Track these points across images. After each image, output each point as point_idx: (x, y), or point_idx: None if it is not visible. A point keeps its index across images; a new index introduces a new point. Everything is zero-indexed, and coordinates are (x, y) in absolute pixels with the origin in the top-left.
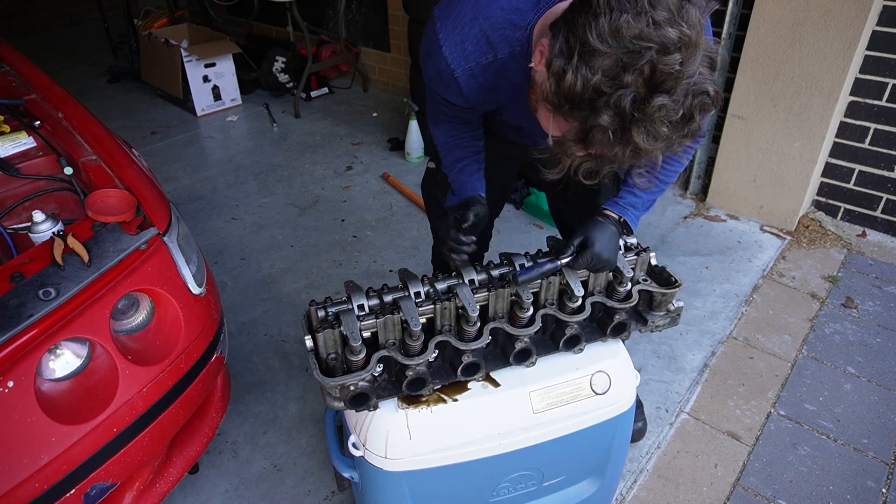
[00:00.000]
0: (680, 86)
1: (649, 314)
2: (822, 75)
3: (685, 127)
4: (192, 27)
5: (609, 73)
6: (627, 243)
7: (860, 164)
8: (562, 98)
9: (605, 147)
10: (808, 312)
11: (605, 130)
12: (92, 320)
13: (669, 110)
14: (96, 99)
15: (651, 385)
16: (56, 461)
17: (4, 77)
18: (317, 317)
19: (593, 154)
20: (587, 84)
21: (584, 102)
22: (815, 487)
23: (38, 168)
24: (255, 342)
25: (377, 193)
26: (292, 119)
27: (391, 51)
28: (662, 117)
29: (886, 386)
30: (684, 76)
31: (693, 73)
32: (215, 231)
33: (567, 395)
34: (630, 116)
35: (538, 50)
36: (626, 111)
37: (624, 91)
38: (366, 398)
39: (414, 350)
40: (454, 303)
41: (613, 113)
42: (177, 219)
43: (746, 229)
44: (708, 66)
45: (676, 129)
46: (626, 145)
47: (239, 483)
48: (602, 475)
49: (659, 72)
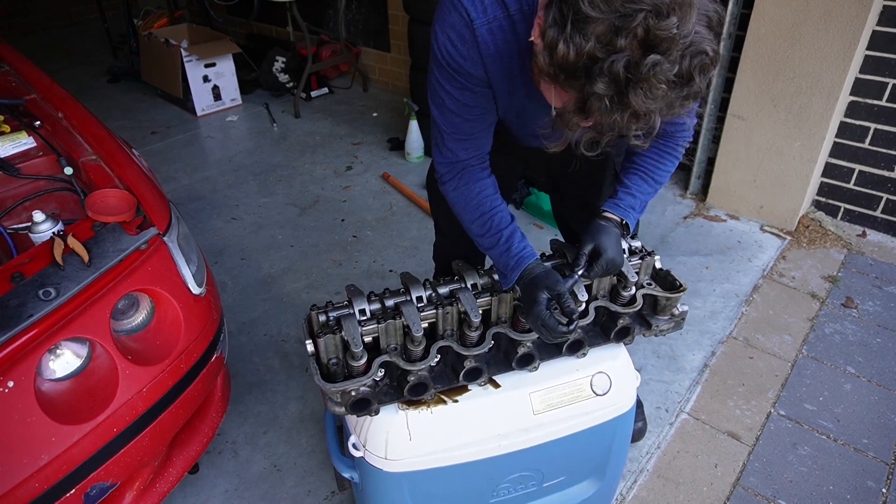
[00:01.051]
0: (675, 46)
1: (653, 318)
2: (822, 75)
3: (684, 88)
4: (192, 27)
5: (602, 39)
6: (632, 247)
7: (860, 164)
8: (556, 68)
9: (603, 114)
10: (808, 312)
11: (601, 97)
12: (92, 320)
13: (664, 69)
14: (96, 99)
15: (651, 385)
16: (56, 461)
17: (4, 77)
18: (318, 321)
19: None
20: (580, 52)
21: (578, 71)
22: (815, 487)
23: (38, 168)
24: (255, 342)
25: (377, 193)
26: (292, 119)
27: (391, 51)
28: (657, 76)
29: (886, 386)
30: (679, 37)
31: (689, 33)
32: (215, 231)
33: (567, 396)
34: (625, 80)
35: (536, 23)
36: (620, 75)
37: (617, 56)
38: (367, 403)
39: (416, 355)
40: (456, 307)
41: (608, 79)
42: (177, 219)
43: (746, 229)
44: (705, 24)
45: (674, 89)
46: (625, 110)
47: (239, 483)
48: (602, 476)
49: (653, 33)
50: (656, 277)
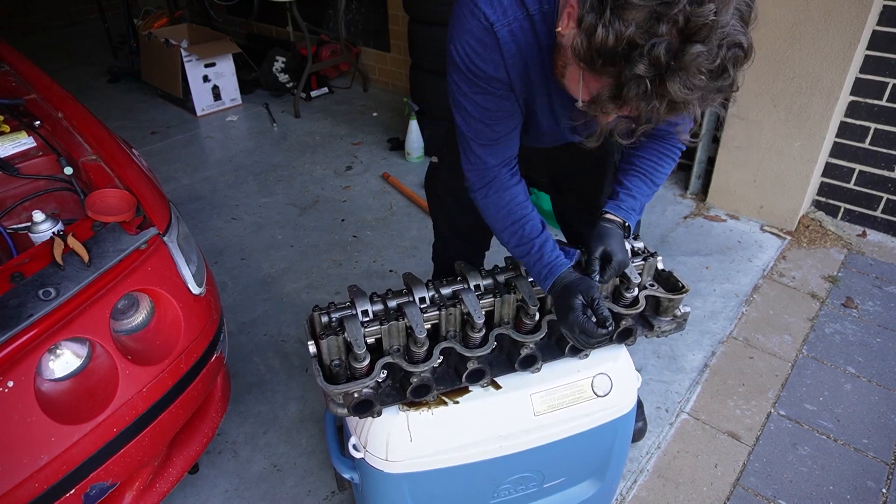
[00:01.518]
0: (714, 35)
1: (656, 319)
2: (823, 75)
3: (718, 79)
4: (192, 27)
5: (643, 25)
6: (634, 248)
7: (860, 164)
8: (594, 53)
9: (640, 100)
10: (808, 312)
11: (640, 82)
12: (92, 320)
13: (705, 59)
14: (96, 99)
15: (651, 385)
16: (56, 461)
17: (4, 77)
18: (320, 322)
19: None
20: (620, 37)
21: (617, 56)
22: (815, 487)
23: (38, 168)
24: (255, 342)
25: (377, 193)
26: (292, 119)
27: (391, 51)
28: (699, 66)
29: (886, 386)
30: (718, 25)
31: (726, 24)
32: (215, 231)
33: (568, 397)
34: (666, 66)
35: (565, 12)
36: (662, 60)
37: (658, 40)
38: (370, 405)
39: (418, 357)
40: (459, 308)
41: (649, 62)
42: (177, 219)
43: (746, 229)
44: (739, 18)
45: (711, 80)
46: (662, 97)
47: (239, 483)
48: (603, 476)
49: (693, 21)
50: (658, 279)
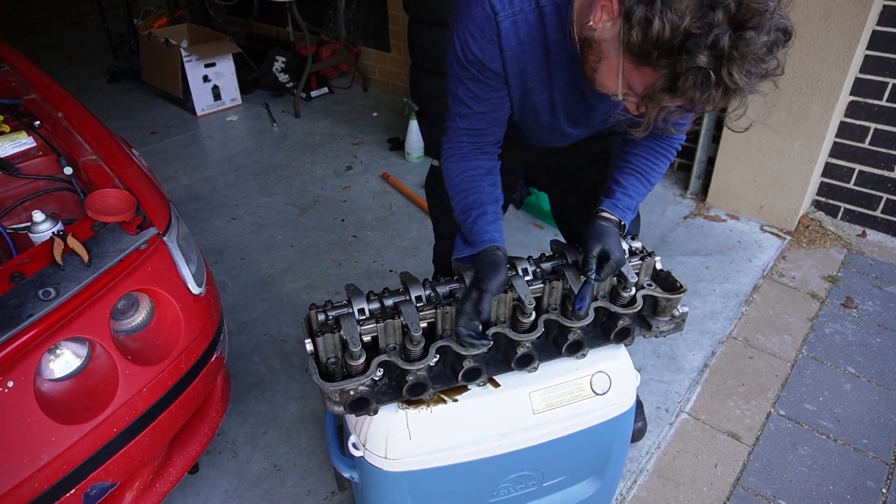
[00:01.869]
0: (765, 20)
1: (654, 319)
2: (822, 75)
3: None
4: (192, 27)
5: (696, 14)
6: (632, 247)
7: (860, 164)
8: (650, 46)
9: (697, 90)
10: (808, 312)
11: (699, 72)
12: (92, 320)
13: (761, 46)
14: (96, 99)
15: (651, 385)
16: (56, 461)
17: (4, 77)
18: (317, 320)
19: (682, 104)
20: (676, 28)
21: (673, 47)
22: (815, 487)
23: (38, 168)
24: (255, 342)
25: (377, 193)
26: (292, 119)
27: (391, 51)
28: (755, 53)
29: (886, 386)
30: (769, 11)
31: (774, 9)
32: (215, 231)
33: (567, 395)
34: (727, 54)
35: (599, 5)
36: (725, 49)
37: (719, 30)
38: (366, 403)
39: (415, 355)
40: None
41: (710, 53)
42: (177, 219)
43: (746, 229)
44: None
45: (764, 66)
46: (719, 86)
47: (239, 483)
48: (602, 475)
49: (745, 7)
50: (656, 278)
